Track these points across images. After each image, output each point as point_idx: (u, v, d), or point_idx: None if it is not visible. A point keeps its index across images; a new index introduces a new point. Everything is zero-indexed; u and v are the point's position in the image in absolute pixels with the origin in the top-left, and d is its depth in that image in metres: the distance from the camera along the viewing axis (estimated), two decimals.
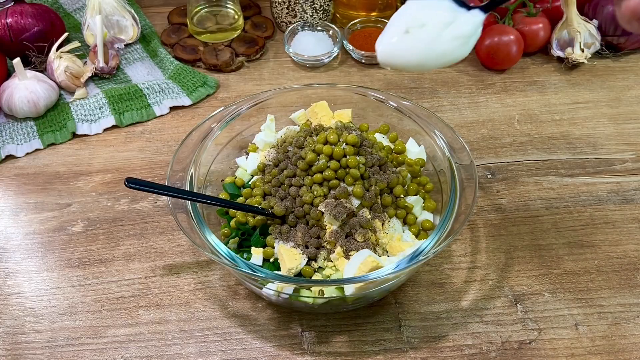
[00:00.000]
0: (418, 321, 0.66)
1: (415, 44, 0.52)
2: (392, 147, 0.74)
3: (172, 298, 0.69)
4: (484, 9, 0.54)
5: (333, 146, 0.65)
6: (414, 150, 0.74)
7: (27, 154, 0.85)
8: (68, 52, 0.94)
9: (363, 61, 0.98)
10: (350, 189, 0.65)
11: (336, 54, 0.98)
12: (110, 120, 0.89)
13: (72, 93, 0.92)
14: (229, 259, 0.60)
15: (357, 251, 0.62)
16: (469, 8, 0.54)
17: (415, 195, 0.69)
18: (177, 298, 0.69)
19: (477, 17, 0.54)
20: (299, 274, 0.64)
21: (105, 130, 0.89)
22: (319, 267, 0.64)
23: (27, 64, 0.93)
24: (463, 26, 0.52)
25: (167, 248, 0.74)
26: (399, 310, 0.67)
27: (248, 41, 1.01)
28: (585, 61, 0.95)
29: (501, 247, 0.73)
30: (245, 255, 0.66)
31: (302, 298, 0.62)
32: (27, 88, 0.87)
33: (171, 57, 0.99)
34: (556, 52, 0.96)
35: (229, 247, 0.64)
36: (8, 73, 0.93)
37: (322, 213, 0.64)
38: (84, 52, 0.98)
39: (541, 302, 0.67)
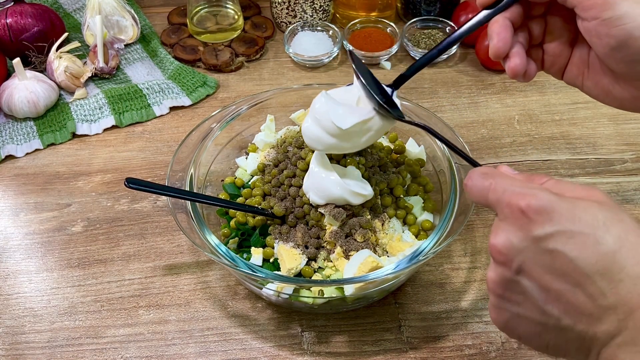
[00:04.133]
0: (418, 321, 0.66)
1: (342, 145, 0.60)
2: (392, 147, 0.74)
3: (172, 298, 0.69)
4: (393, 86, 0.60)
5: None
6: (414, 151, 0.74)
7: (27, 154, 0.85)
8: (68, 52, 0.94)
9: (363, 61, 0.98)
10: None
11: (336, 54, 0.98)
12: (110, 121, 0.89)
13: (72, 93, 0.92)
14: (229, 259, 0.60)
15: (357, 251, 0.62)
16: (389, 91, 0.59)
17: (415, 195, 0.69)
18: (177, 298, 0.69)
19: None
20: (299, 274, 0.64)
21: (105, 130, 0.89)
22: (319, 267, 0.64)
23: (27, 64, 0.93)
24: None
25: (167, 248, 0.74)
26: (399, 310, 0.67)
27: (248, 41, 1.01)
28: None
29: None
30: (245, 255, 0.66)
31: (302, 298, 0.62)
32: (27, 88, 0.87)
33: (171, 57, 0.99)
34: None
35: (229, 247, 0.64)
36: (8, 73, 0.93)
37: (322, 214, 0.64)
38: (83, 52, 0.98)
39: None
